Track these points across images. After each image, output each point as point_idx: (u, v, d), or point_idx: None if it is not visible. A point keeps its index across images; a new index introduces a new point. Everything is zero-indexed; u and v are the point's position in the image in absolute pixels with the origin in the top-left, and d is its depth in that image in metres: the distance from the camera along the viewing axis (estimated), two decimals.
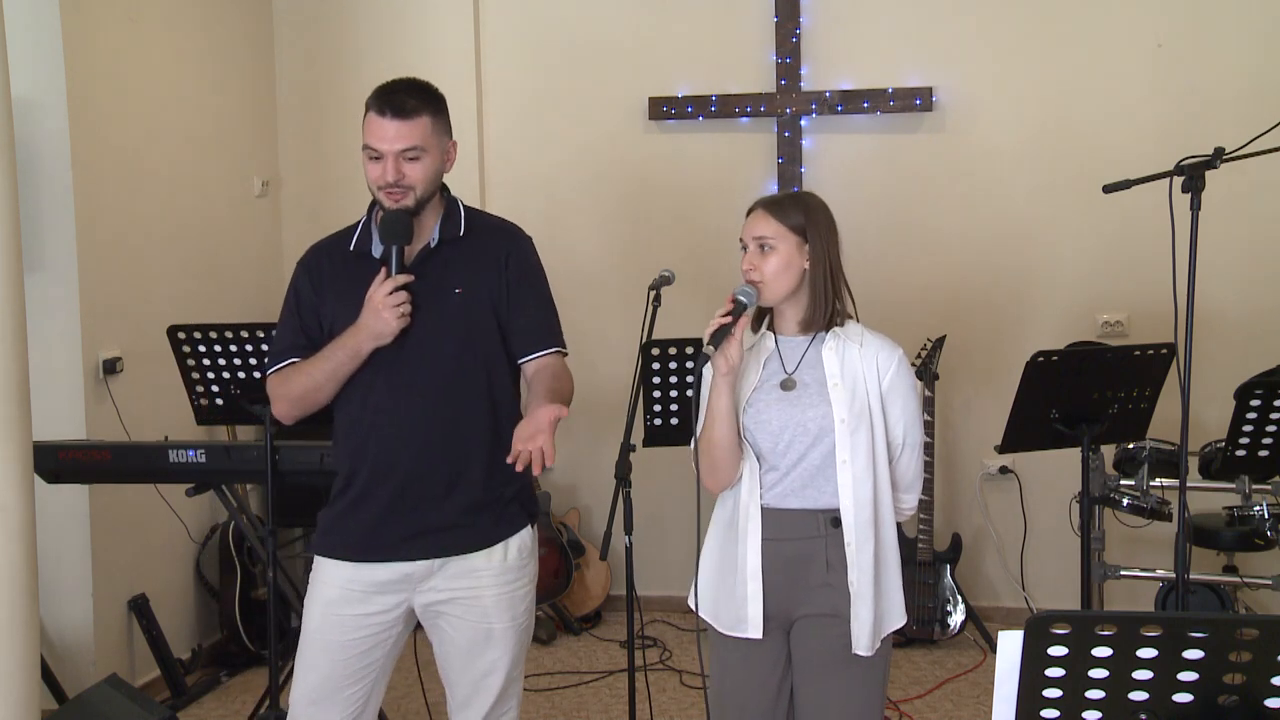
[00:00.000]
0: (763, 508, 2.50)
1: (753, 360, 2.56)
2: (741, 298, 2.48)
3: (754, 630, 2.50)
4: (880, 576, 2.50)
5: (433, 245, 2.61)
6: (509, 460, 2.38)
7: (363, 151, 2.55)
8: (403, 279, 2.53)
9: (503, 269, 2.63)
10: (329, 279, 2.64)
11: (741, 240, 2.55)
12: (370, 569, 2.58)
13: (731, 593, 2.53)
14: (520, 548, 2.63)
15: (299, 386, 2.60)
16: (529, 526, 2.66)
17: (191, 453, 3.33)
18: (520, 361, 2.66)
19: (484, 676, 2.63)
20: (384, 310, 2.50)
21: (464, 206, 2.70)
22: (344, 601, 2.59)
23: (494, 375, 2.62)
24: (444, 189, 2.68)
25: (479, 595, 2.59)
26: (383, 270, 2.54)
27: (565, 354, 2.71)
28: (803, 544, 2.49)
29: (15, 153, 2.69)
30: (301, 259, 2.70)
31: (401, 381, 2.57)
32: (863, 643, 2.47)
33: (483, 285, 2.61)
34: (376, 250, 2.60)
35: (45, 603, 3.55)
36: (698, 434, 2.54)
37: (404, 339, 2.54)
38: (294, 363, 2.62)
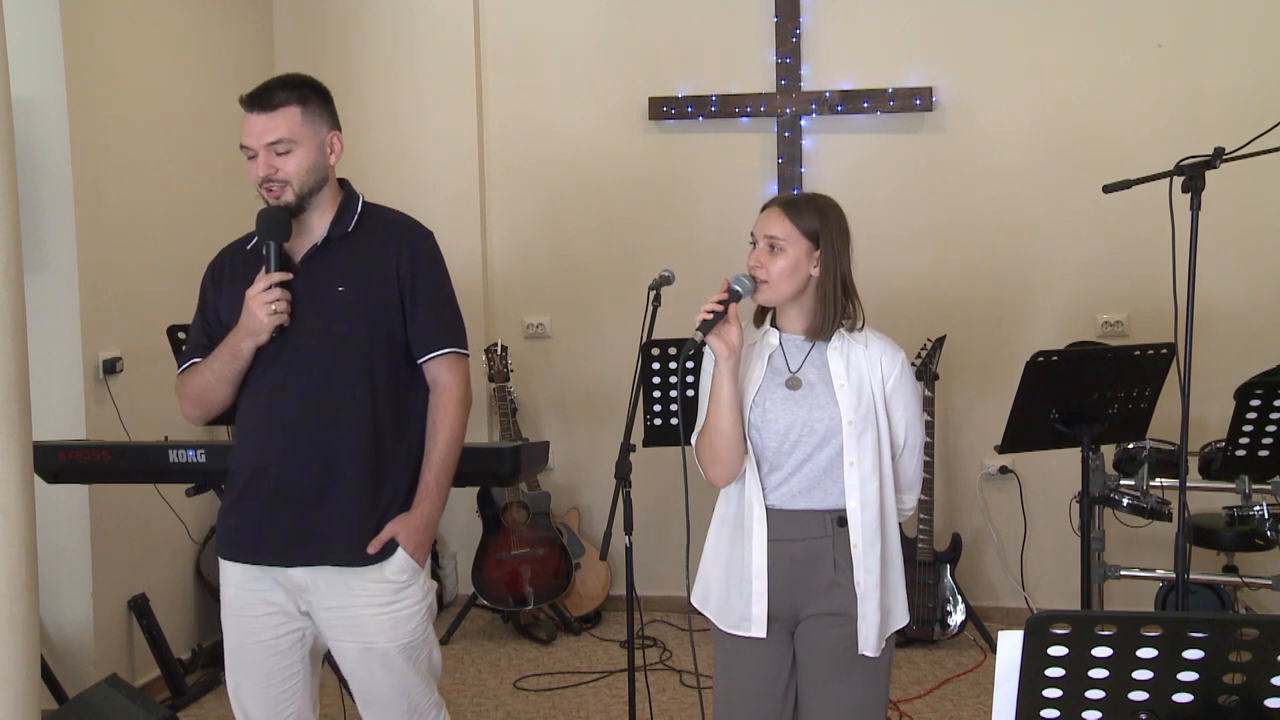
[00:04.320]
0: (768, 508, 2.49)
1: (755, 357, 2.54)
2: (737, 287, 2.47)
3: (757, 629, 2.50)
4: (886, 576, 2.50)
5: (318, 243, 2.57)
6: (370, 550, 2.50)
7: (242, 153, 2.53)
8: (277, 276, 2.50)
9: (395, 268, 2.56)
10: (228, 279, 2.63)
11: (752, 235, 2.54)
12: (255, 571, 2.57)
13: (736, 591, 2.53)
14: (399, 568, 2.54)
15: (195, 387, 2.61)
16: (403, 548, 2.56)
17: (191, 453, 3.32)
18: (418, 362, 2.60)
19: (380, 697, 2.59)
20: (256, 308, 2.48)
21: (365, 203, 2.64)
22: (242, 604, 2.59)
23: (377, 378, 2.54)
24: (344, 184, 2.64)
25: (359, 614, 2.53)
26: (263, 269, 2.52)
27: (461, 353, 2.63)
28: (810, 544, 2.48)
29: (15, 153, 2.69)
30: (211, 260, 2.71)
31: (279, 381, 2.54)
32: (870, 643, 2.47)
33: (369, 284, 2.54)
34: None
35: (45, 603, 3.55)
36: (682, 421, 2.54)
37: (285, 338, 2.52)
38: (195, 363, 2.63)
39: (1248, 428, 3.42)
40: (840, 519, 2.48)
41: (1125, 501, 3.99)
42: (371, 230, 2.59)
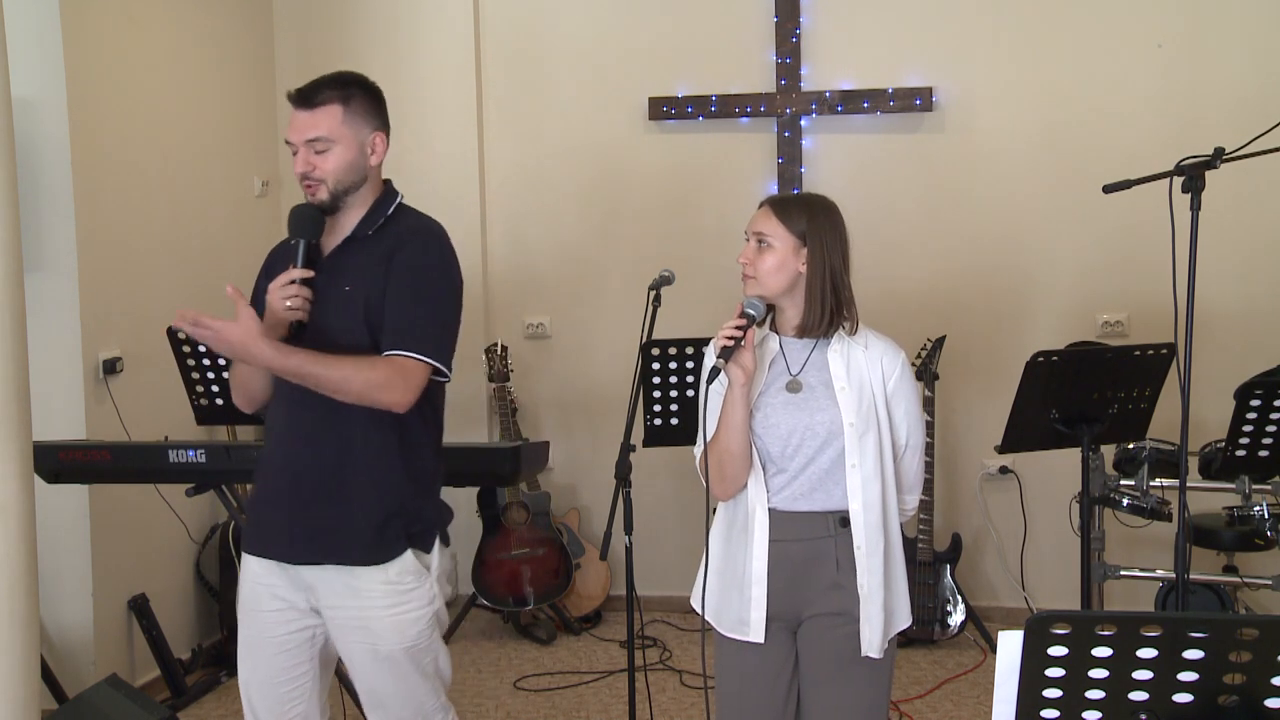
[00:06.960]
0: (771, 510, 2.49)
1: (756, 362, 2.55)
2: (750, 310, 2.48)
3: (755, 634, 2.50)
4: (889, 578, 2.50)
5: (340, 243, 2.59)
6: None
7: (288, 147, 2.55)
8: (297, 273, 2.51)
9: (387, 268, 2.52)
10: (277, 273, 2.63)
11: (746, 232, 2.55)
12: (268, 565, 2.58)
13: (736, 595, 2.52)
14: (403, 570, 2.52)
15: (237, 376, 2.66)
16: (409, 551, 2.53)
17: (191, 453, 3.33)
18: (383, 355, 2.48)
19: (385, 699, 2.59)
20: (274, 302, 2.49)
21: (400, 206, 2.63)
22: (255, 597, 2.60)
23: None
24: (386, 184, 2.64)
25: (366, 614, 2.53)
26: (291, 264, 2.54)
27: (420, 360, 2.45)
28: (812, 544, 2.48)
29: (15, 153, 2.69)
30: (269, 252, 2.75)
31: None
32: (874, 644, 2.46)
33: (369, 284, 2.52)
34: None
35: (45, 603, 3.55)
36: (705, 442, 2.53)
37: (301, 336, 2.52)
38: None
39: (1248, 428, 3.42)
40: (843, 520, 2.48)
41: (1125, 501, 3.99)
42: (390, 232, 2.59)
